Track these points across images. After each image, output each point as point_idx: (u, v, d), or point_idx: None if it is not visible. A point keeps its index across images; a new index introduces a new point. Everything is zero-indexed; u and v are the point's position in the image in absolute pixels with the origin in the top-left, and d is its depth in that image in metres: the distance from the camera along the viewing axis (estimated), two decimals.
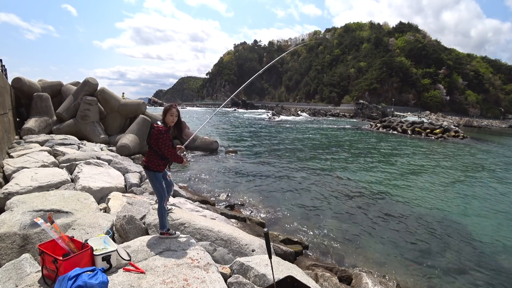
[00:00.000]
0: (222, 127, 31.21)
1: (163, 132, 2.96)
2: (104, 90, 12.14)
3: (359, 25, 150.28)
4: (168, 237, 3.06)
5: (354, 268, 4.47)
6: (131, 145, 10.31)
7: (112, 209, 3.99)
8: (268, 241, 2.26)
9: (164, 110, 3.12)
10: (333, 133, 29.80)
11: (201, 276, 2.46)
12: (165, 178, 3.23)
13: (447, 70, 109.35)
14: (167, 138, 2.98)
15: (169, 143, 2.99)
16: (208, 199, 6.83)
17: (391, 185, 9.92)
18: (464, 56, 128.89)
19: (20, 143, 8.06)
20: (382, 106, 77.45)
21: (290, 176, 10.19)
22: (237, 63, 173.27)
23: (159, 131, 2.96)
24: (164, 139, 2.95)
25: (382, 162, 14.36)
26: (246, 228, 4.98)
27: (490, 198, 9.14)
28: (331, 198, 8.09)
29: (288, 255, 4.31)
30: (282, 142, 20.37)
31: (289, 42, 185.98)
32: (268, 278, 2.68)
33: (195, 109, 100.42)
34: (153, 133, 2.99)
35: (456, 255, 5.33)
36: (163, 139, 2.95)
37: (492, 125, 74.51)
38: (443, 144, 23.87)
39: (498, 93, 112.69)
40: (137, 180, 5.99)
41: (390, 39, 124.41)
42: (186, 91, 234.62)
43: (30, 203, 3.58)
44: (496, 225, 6.97)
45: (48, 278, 2.18)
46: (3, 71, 10.25)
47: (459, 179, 11.54)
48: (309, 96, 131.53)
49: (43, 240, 2.79)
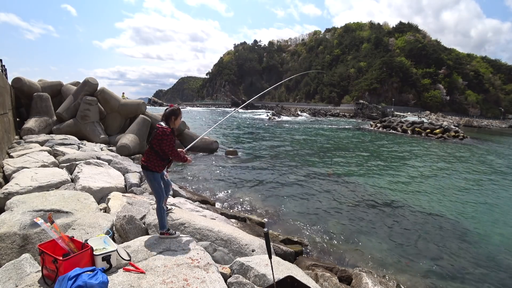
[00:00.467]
0: (222, 127, 31.21)
1: (168, 133, 2.96)
2: (104, 90, 12.14)
3: (359, 25, 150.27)
4: (168, 237, 3.06)
5: (354, 268, 4.47)
6: (131, 145, 10.31)
7: (112, 209, 3.99)
8: (268, 241, 2.26)
9: (174, 113, 3.09)
10: (333, 133, 29.79)
11: (201, 276, 2.46)
12: (163, 177, 3.23)
13: (447, 70, 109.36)
14: (172, 139, 2.99)
15: (174, 144, 3.00)
16: (208, 199, 6.82)
17: (391, 185, 9.92)
18: (464, 56, 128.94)
19: (20, 143, 8.06)
20: (382, 106, 77.44)
21: (290, 176, 10.19)
22: (237, 63, 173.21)
23: (163, 132, 2.95)
24: (169, 140, 2.95)
25: (382, 162, 14.36)
26: (246, 228, 4.98)
27: (490, 198, 9.14)
28: (331, 198, 8.09)
29: (288, 255, 4.30)
30: (282, 142, 20.37)
31: (289, 42, 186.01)
32: (268, 278, 2.68)
33: (196, 109, 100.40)
34: (157, 134, 2.98)
35: (456, 255, 5.33)
36: (168, 140, 2.95)
37: (492, 125, 74.49)
38: (443, 144, 23.87)
39: (498, 93, 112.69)
40: (137, 180, 5.99)
41: (390, 39, 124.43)
42: (186, 91, 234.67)
43: (30, 203, 3.58)
44: (497, 225, 6.97)
45: (48, 278, 2.18)
46: (3, 71, 10.25)
47: (459, 179, 11.54)
48: (309, 96, 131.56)
49: (43, 240, 2.79)
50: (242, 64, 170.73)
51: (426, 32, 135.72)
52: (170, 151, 2.98)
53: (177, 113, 3.12)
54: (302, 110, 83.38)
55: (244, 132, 26.29)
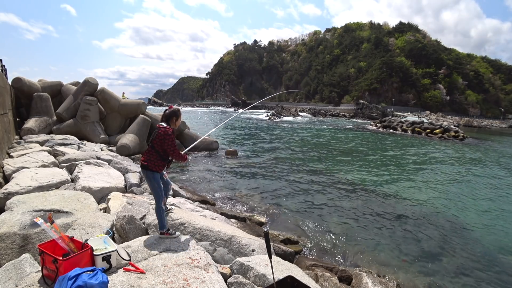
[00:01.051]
0: (222, 126, 31.20)
1: (169, 133, 3.00)
2: (104, 90, 12.14)
3: (359, 25, 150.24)
4: (168, 237, 3.06)
5: (354, 268, 4.47)
6: (131, 145, 10.31)
7: (112, 209, 3.99)
8: (268, 241, 2.26)
9: (175, 114, 3.16)
10: (333, 133, 29.80)
11: (201, 276, 2.46)
12: (162, 177, 3.25)
13: (447, 70, 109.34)
14: (174, 139, 3.04)
15: (175, 144, 3.05)
16: (208, 199, 6.82)
17: (391, 185, 9.92)
18: (464, 56, 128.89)
19: (20, 143, 8.06)
20: (382, 106, 77.45)
21: (290, 176, 10.19)
22: (237, 63, 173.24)
23: (165, 132, 2.99)
24: (170, 140, 2.99)
25: (382, 162, 14.36)
26: (246, 228, 4.98)
27: (490, 197, 9.14)
28: (331, 198, 8.09)
29: (288, 255, 4.31)
30: (282, 142, 20.37)
31: (289, 42, 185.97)
32: (268, 278, 2.68)
33: (196, 109, 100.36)
34: (159, 134, 3.01)
35: (456, 255, 5.33)
36: (170, 140, 2.99)
37: (492, 125, 74.49)
38: (443, 144, 23.87)
39: (498, 93, 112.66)
40: (137, 180, 5.99)
41: (390, 39, 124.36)
42: (186, 91, 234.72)
43: (30, 203, 3.57)
44: (497, 224, 6.97)
45: (48, 278, 2.18)
46: (3, 71, 10.25)
47: (459, 178, 11.54)
48: (309, 96, 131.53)
49: (43, 240, 2.79)
50: (242, 64, 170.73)
51: (426, 32, 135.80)
52: (172, 151, 3.02)
53: (178, 114, 3.19)
54: (302, 110, 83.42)
55: (244, 132, 26.29)
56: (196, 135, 14.24)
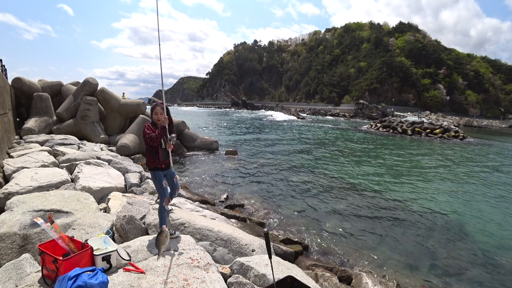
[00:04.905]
0: (222, 127, 31.22)
1: (145, 126, 3.02)
2: (104, 90, 12.15)
3: (359, 25, 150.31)
4: None
5: (354, 268, 4.47)
6: (131, 145, 10.31)
7: (112, 209, 3.99)
8: (268, 241, 2.26)
9: (152, 108, 3.15)
10: (333, 133, 29.79)
11: (201, 276, 2.46)
12: (172, 179, 3.24)
13: (447, 70, 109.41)
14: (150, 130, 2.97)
15: (148, 132, 2.96)
16: (208, 199, 6.82)
17: (391, 186, 9.92)
18: (464, 56, 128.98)
19: (20, 143, 8.06)
20: (382, 106, 77.51)
21: (290, 177, 10.19)
22: (237, 63, 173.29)
23: (144, 126, 3.04)
24: (144, 131, 2.98)
25: (383, 162, 14.36)
26: (246, 228, 4.98)
27: (491, 197, 9.13)
28: (331, 198, 8.08)
29: (288, 255, 4.30)
30: (282, 142, 20.36)
31: (289, 42, 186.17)
32: (268, 278, 2.68)
33: (195, 109, 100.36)
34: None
35: (457, 255, 5.32)
36: (144, 131, 2.99)
37: (492, 125, 74.51)
38: (443, 144, 23.86)
39: (498, 93, 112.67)
40: (137, 180, 5.99)
41: (390, 39, 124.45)
42: (186, 91, 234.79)
43: (30, 203, 3.57)
44: (497, 225, 6.96)
45: (48, 278, 2.18)
46: (3, 71, 10.25)
47: (460, 179, 11.53)
48: (309, 96, 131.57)
49: (43, 240, 2.79)
50: (242, 64, 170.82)
51: (426, 32, 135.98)
52: (147, 139, 2.97)
53: (152, 107, 3.16)
54: (302, 110, 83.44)
55: (244, 132, 26.28)
56: (196, 135, 14.24)
